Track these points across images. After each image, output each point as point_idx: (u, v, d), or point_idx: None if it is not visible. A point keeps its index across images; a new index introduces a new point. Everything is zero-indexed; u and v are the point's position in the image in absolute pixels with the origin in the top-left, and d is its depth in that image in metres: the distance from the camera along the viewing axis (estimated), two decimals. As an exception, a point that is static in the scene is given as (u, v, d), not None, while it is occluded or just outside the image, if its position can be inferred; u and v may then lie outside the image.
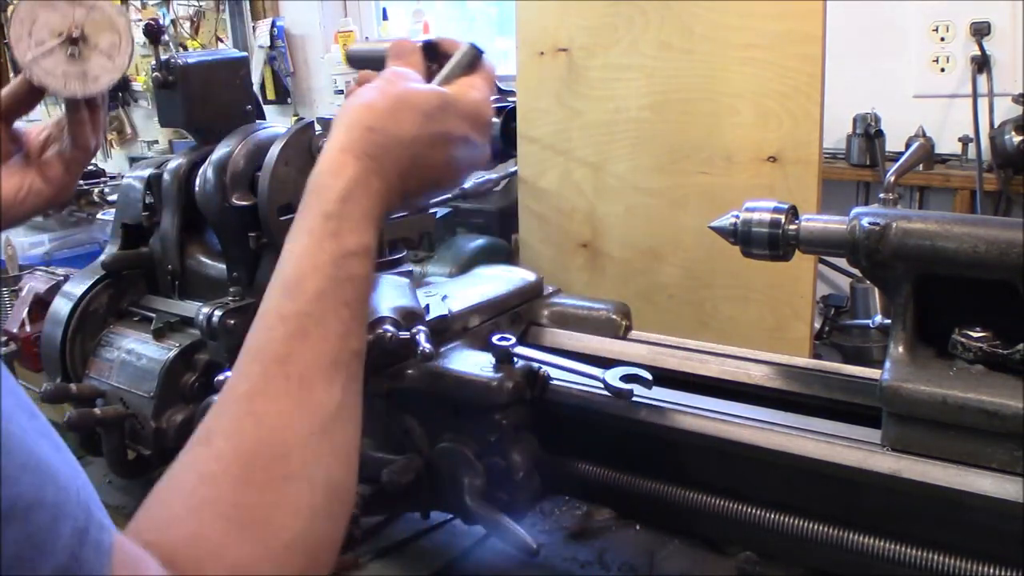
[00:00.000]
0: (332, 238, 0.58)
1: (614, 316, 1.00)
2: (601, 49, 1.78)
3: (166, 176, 1.22)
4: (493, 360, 0.84)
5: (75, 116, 0.96)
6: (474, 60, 0.77)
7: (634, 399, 0.81)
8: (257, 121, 1.25)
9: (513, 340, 0.84)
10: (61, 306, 1.25)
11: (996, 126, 2.27)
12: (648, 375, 0.82)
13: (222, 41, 4.35)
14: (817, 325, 2.27)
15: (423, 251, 1.82)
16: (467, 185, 1.86)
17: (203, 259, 1.25)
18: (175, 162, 1.23)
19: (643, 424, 0.81)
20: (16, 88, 0.95)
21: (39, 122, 1.05)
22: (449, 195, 1.82)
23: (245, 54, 1.32)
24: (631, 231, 1.79)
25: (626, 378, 0.81)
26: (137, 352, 1.17)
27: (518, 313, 1.03)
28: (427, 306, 0.92)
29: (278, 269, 0.59)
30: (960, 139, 2.37)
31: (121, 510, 1.23)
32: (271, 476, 0.49)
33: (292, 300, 0.56)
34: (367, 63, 0.79)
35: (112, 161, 4.74)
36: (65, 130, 0.98)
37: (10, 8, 5.21)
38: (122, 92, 4.74)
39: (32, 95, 0.95)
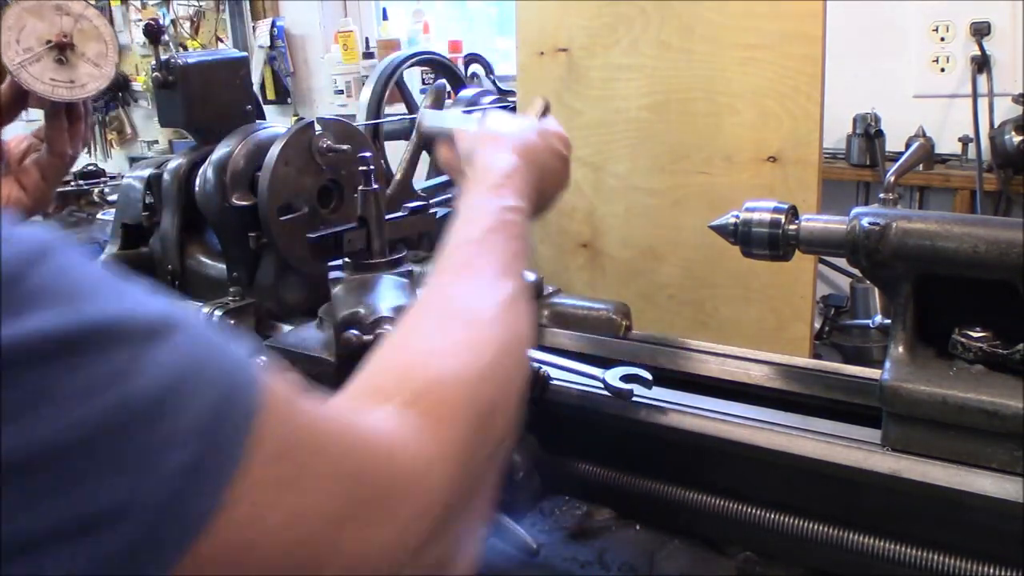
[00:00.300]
0: (498, 198, 0.71)
1: (614, 316, 1.00)
2: (601, 49, 1.78)
3: (166, 176, 1.22)
4: (493, 360, 0.84)
5: (53, 123, 0.96)
6: (545, 109, 0.93)
7: (634, 399, 0.81)
8: (257, 121, 1.25)
9: (513, 340, 0.84)
10: (61, 306, 1.25)
11: (996, 126, 2.27)
12: (648, 375, 0.82)
13: (222, 41, 4.35)
14: (817, 325, 2.27)
15: (423, 251, 1.81)
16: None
17: (203, 259, 1.25)
18: (175, 162, 1.23)
19: (643, 424, 0.81)
20: (1, 95, 0.95)
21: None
22: (450, 197, 1.82)
23: (245, 54, 1.32)
24: (631, 231, 1.79)
25: (626, 378, 0.81)
26: (137, 352, 1.17)
27: (518, 313, 1.03)
28: (427, 306, 0.92)
29: (454, 223, 0.69)
30: (960, 139, 2.37)
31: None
32: (464, 321, 0.57)
33: (468, 233, 0.67)
34: (440, 133, 0.92)
35: (112, 161, 4.74)
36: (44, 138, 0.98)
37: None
38: (122, 92, 4.74)
39: (16, 104, 0.96)
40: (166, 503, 0.31)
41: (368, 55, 3.82)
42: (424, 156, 1.91)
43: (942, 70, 2.48)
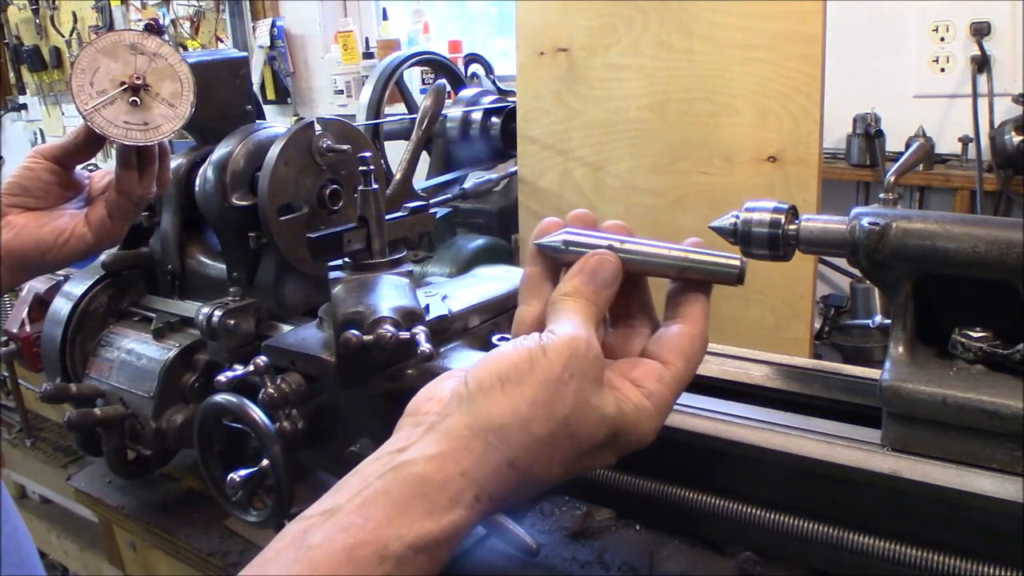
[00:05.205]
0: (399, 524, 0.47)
1: (614, 316, 1.00)
2: (601, 49, 1.78)
3: (166, 176, 1.22)
4: (493, 360, 0.84)
5: (123, 163, 0.94)
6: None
7: (634, 399, 0.80)
8: (257, 121, 1.25)
9: (513, 340, 0.84)
10: (61, 306, 1.25)
11: (996, 126, 2.27)
12: (648, 375, 0.82)
13: (222, 41, 4.35)
14: (817, 325, 2.27)
15: (423, 251, 1.82)
16: (467, 185, 1.86)
17: (203, 259, 1.25)
18: (175, 162, 1.23)
19: (643, 424, 0.80)
20: (77, 136, 0.94)
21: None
22: (450, 197, 1.82)
23: (245, 54, 1.32)
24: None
25: (626, 378, 0.81)
26: (137, 352, 1.17)
27: (518, 313, 1.03)
28: (427, 306, 0.92)
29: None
30: (960, 139, 2.37)
31: (121, 510, 1.23)
32: None
33: None
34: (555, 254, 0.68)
35: (112, 161, 4.74)
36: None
37: (9, 9, 5.21)
38: (122, 92, 4.74)
39: (92, 143, 0.94)
40: None
41: (368, 55, 3.82)
42: (424, 156, 1.91)
43: (942, 70, 2.48)
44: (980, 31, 2.35)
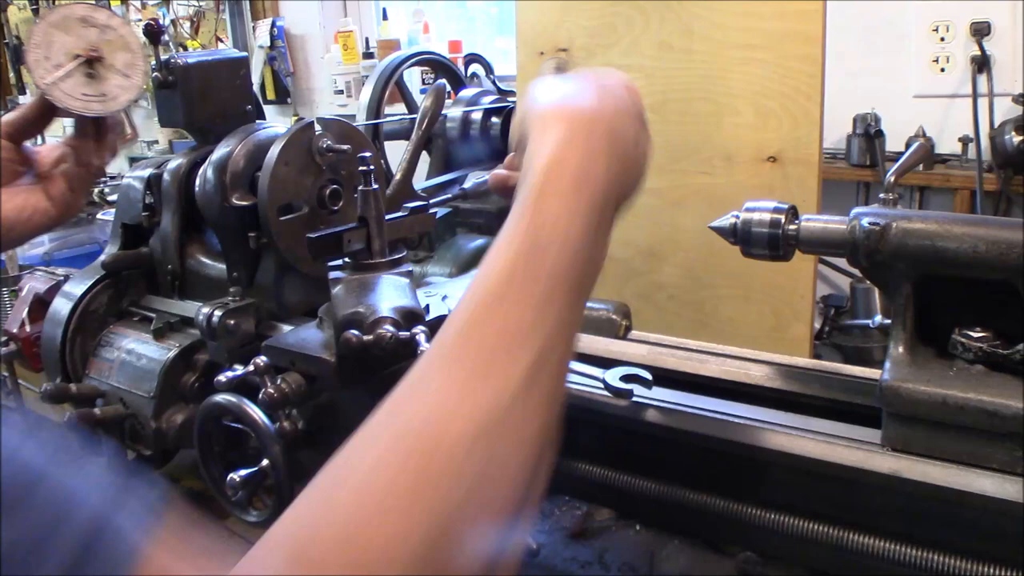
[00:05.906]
0: (527, 213, 0.53)
1: (614, 316, 1.00)
2: (601, 49, 1.78)
3: (166, 176, 1.22)
4: (493, 360, 0.84)
5: (81, 134, 0.96)
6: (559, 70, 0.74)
7: (634, 399, 0.81)
8: (257, 121, 1.25)
9: (513, 340, 0.84)
10: (61, 306, 1.25)
11: (996, 126, 2.27)
12: (648, 375, 0.82)
13: (222, 41, 4.35)
14: (817, 325, 2.27)
15: (423, 251, 1.81)
16: (467, 185, 1.86)
17: (203, 259, 1.25)
18: (175, 162, 1.23)
19: (643, 424, 0.80)
20: (28, 110, 0.95)
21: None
22: (450, 197, 1.81)
23: (245, 54, 1.32)
24: (631, 231, 1.79)
25: (626, 378, 0.81)
26: (137, 352, 1.17)
27: (518, 313, 1.03)
28: (427, 306, 0.92)
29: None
30: (960, 139, 2.37)
31: (121, 510, 1.23)
32: (416, 453, 0.44)
33: (473, 293, 0.53)
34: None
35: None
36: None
37: (9, 8, 5.22)
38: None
39: (43, 118, 0.95)
40: None
41: (368, 55, 3.82)
42: (424, 156, 1.90)
43: (942, 70, 2.48)
44: (980, 31, 2.35)
